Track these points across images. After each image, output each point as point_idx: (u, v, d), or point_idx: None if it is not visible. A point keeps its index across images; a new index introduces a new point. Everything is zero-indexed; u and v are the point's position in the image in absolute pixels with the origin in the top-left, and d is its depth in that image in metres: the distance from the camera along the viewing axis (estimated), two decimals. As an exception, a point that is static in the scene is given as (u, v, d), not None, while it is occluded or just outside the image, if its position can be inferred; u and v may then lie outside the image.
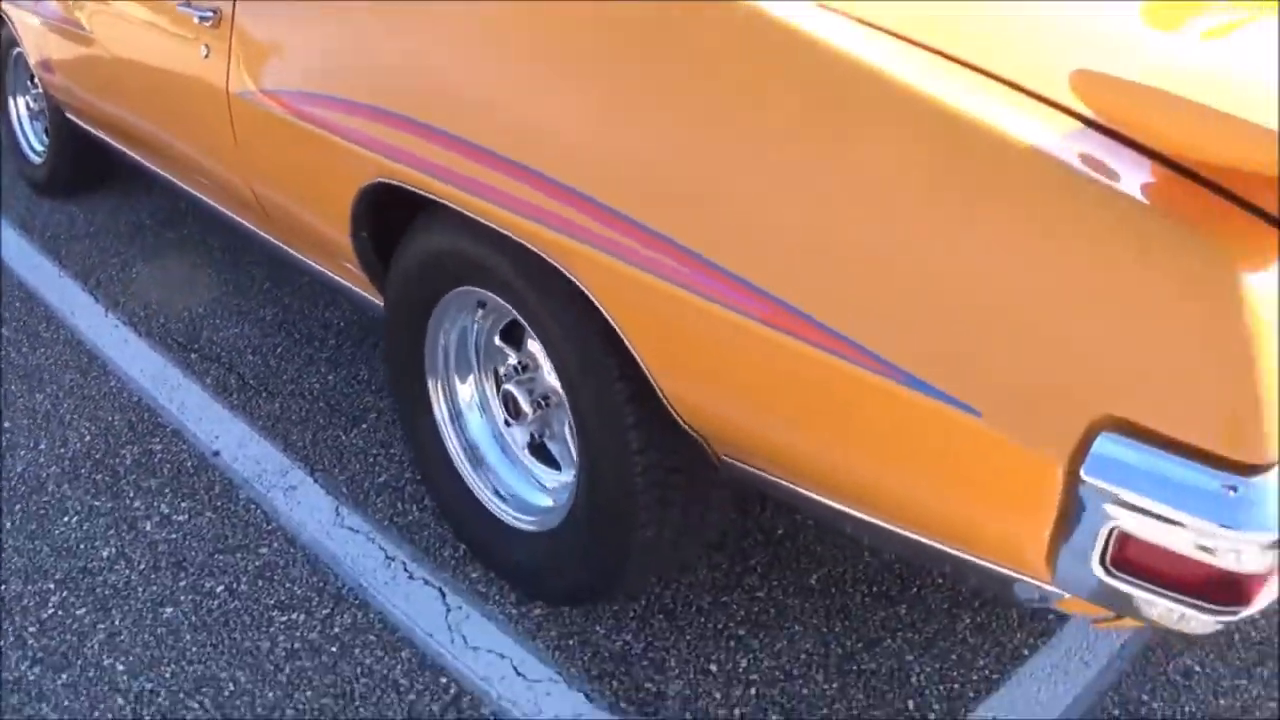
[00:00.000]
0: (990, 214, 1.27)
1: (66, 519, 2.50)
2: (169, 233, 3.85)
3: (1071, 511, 1.24)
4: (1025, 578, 1.38)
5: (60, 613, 2.23)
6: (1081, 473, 1.20)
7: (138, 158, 3.26)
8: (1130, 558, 1.23)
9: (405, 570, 2.29)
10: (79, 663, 2.10)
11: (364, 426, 2.74)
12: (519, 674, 2.04)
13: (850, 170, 1.37)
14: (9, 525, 2.47)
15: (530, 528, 2.11)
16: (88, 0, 3.10)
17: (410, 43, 1.93)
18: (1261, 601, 1.24)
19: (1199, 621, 1.25)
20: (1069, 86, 1.33)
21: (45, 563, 2.35)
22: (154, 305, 3.38)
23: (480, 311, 2.11)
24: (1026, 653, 2.08)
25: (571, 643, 2.10)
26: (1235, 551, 1.16)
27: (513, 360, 2.09)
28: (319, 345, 3.12)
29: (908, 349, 1.31)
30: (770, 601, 2.18)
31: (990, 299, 1.26)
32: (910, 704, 1.97)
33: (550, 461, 2.15)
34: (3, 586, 2.29)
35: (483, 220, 1.78)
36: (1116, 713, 1.94)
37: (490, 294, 1.95)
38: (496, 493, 2.18)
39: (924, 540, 1.47)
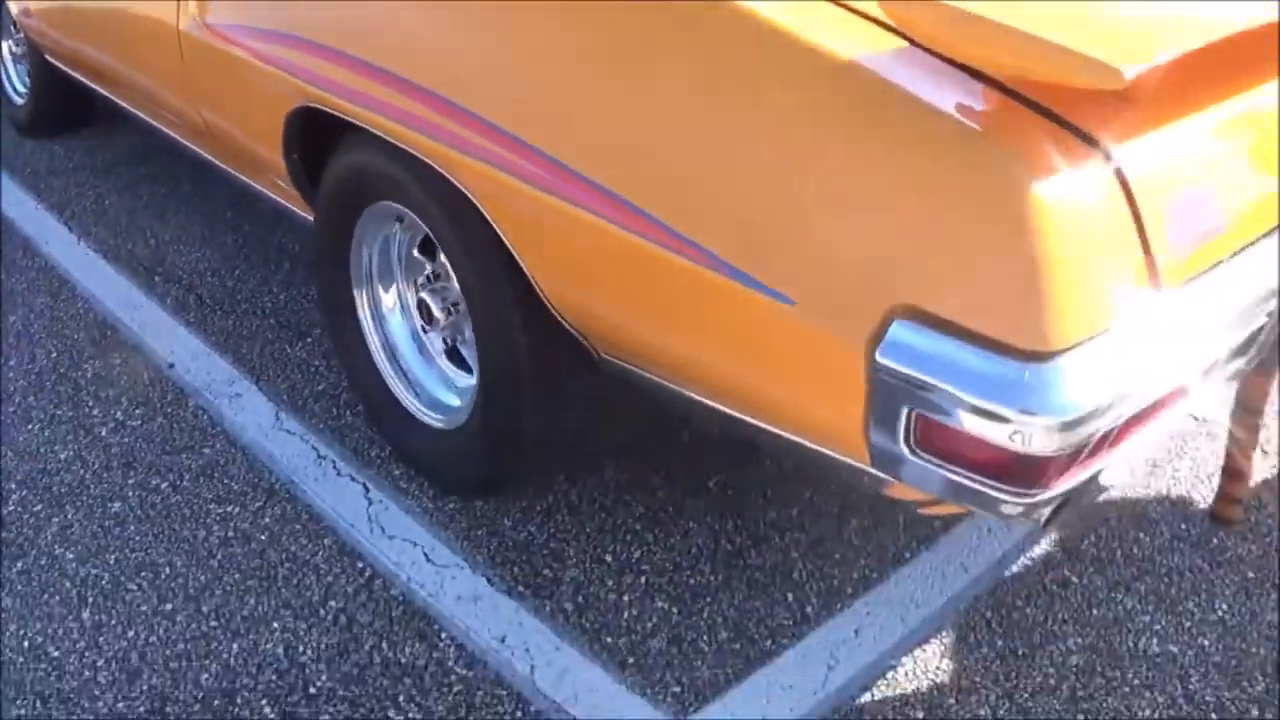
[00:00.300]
0: (804, 118, 1.44)
1: (30, 426, 2.69)
2: (141, 168, 4.03)
3: (874, 395, 1.39)
4: (853, 462, 1.52)
5: (19, 509, 2.42)
6: (876, 355, 1.35)
7: (108, 95, 3.44)
8: (932, 440, 1.37)
9: (334, 468, 2.47)
10: (33, 553, 2.29)
11: (309, 341, 2.92)
12: (429, 560, 2.23)
13: (683, 80, 1.54)
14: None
15: (441, 425, 2.30)
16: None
17: None
18: (1059, 484, 1.37)
19: (1006, 504, 1.39)
20: (900, 12, 1.48)
21: (8, 465, 2.55)
22: (123, 234, 3.56)
23: (399, 225, 2.29)
24: (908, 555, 2.24)
25: (479, 533, 2.29)
26: (1022, 434, 1.28)
27: (428, 270, 2.28)
28: (274, 268, 3.30)
29: (733, 243, 1.48)
30: (669, 500, 2.36)
31: (803, 198, 1.43)
32: (790, 596, 2.15)
33: (464, 365, 2.34)
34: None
35: (390, 139, 1.96)
36: (989, 615, 2.10)
37: (403, 208, 2.13)
38: (415, 393, 2.36)
39: (766, 427, 1.64)
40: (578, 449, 2.41)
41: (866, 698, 1.93)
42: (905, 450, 1.39)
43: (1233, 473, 2.16)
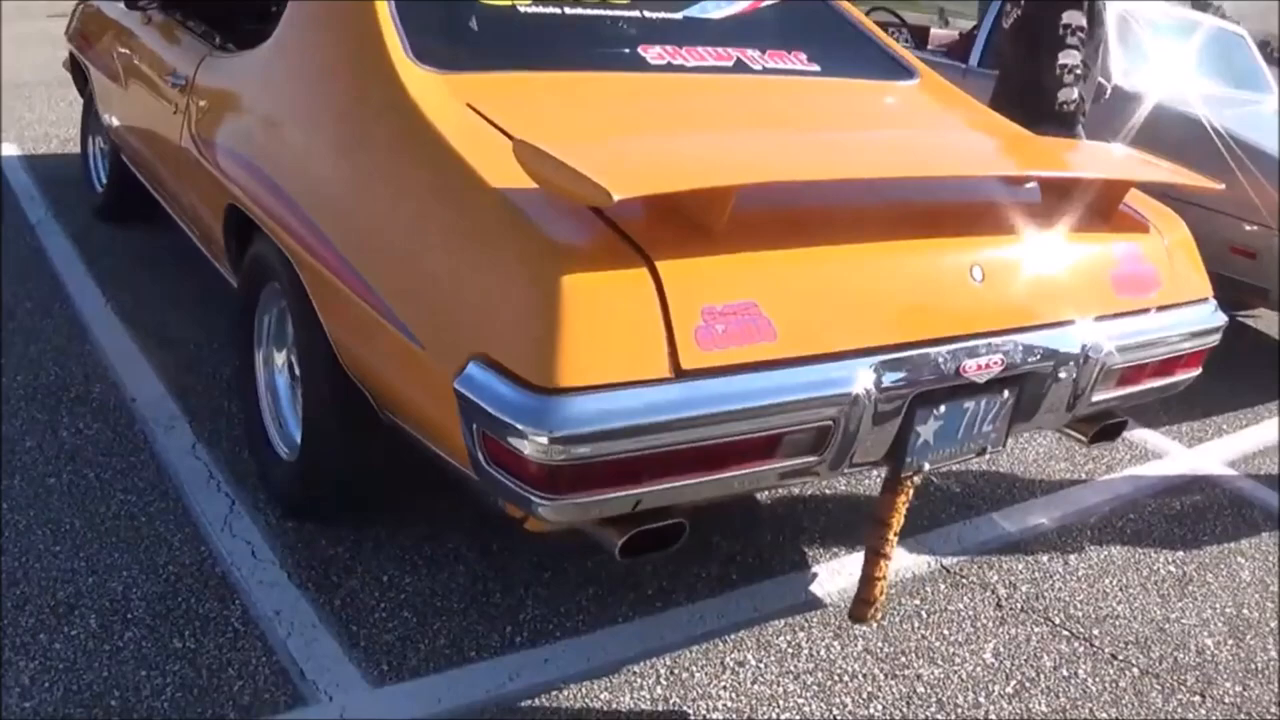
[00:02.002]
0: (437, 217, 2.25)
1: (14, 421, 3.56)
2: (170, 257, 5.00)
3: (460, 417, 2.13)
4: (473, 476, 2.25)
5: None
6: (454, 384, 2.11)
7: (148, 187, 4.44)
8: (492, 451, 2.07)
9: (217, 486, 3.26)
10: None
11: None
12: (253, 555, 2.99)
13: (394, 191, 2.38)
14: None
15: (286, 456, 3.10)
16: (128, 67, 4.34)
17: (251, 119, 3.03)
18: (580, 497, 2.01)
19: (544, 508, 2.06)
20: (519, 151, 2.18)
21: None
22: (140, 302, 4.50)
23: (284, 304, 3.14)
24: (620, 619, 2.92)
25: (299, 545, 3.03)
26: (532, 444, 1.96)
27: (297, 338, 3.11)
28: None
29: (400, 304, 2.29)
30: (449, 541, 3.09)
31: (438, 279, 2.24)
32: (508, 628, 2.82)
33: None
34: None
35: (266, 229, 2.83)
36: (661, 670, 2.76)
37: (280, 286, 2.99)
38: (279, 429, 3.16)
39: (436, 452, 2.39)
40: (381, 492, 3.16)
41: (527, 702, 2.58)
42: (483, 461, 2.11)
43: (866, 579, 2.68)
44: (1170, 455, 4.09)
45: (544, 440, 1.94)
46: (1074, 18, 4.08)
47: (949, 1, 8.75)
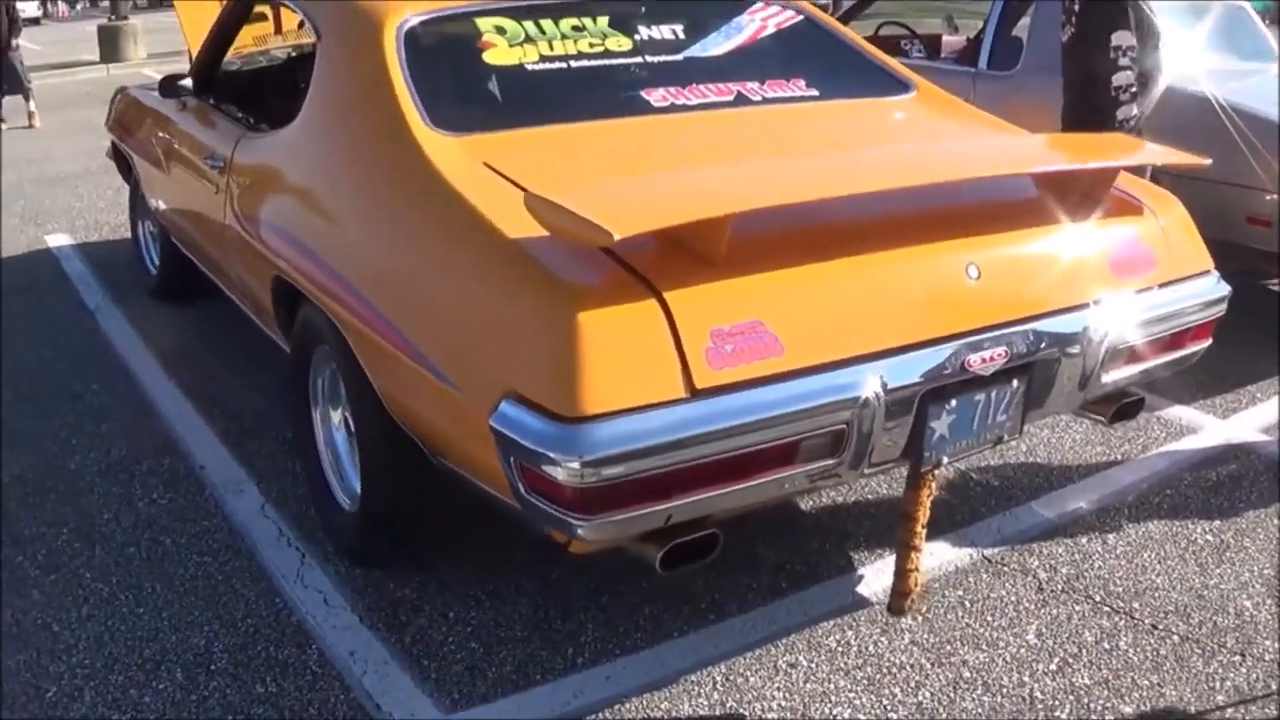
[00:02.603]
0: (462, 270, 2.47)
1: (90, 495, 3.82)
2: (227, 328, 5.26)
3: (498, 451, 2.34)
4: (515, 507, 2.45)
5: (64, 544, 3.52)
6: (490, 422, 2.32)
7: (199, 265, 4.71)
8: (530, 480, 2.28)
9: (287, 541, 3.48)
10: (63, 570, 3.37)
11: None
12: (325, 603, 3.20)
13: (422, 250, 2.60)
14: (54, 498, 3.81)
15: (348, 506, 3.32)
16: (169, 152, 4.62)
17: (286, 195, 3.27)
18: (616, 515, 2.21)
19: (582, 528, 2.27)
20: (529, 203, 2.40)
21: (67, 517, 3.67)
22: (200, 373, 4.77)
23: (335, 365, 3.36)
24: (676, 634, 3.11)
25: (369, 590, 3.24)
26: (564, 469, 2.17)
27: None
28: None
29: (437, 353, 2.50)
30: (513, 579, 3.29)
31: (462, 323, 2.44)
32: (570, 650, 3.01)
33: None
34: (26, 528, 3.61)
35: (311, 296, 3.06)
36: (717, 677, 2.93)
37: (330, 349, 3.21)
38: (340, 481, 3.39)
39: (485, 489, 2.59)
40: (439, 533, 3.36)
41: (591, 717, 2.75)
42: (523, 491, 2.32)
43: (900, 572, 2.85)
44: (1205, 429, 4.20)
45: (575, 465, 2.15)
46: (1123, 39, 4.14)
47: (962, 2, 8.89)
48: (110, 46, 19.40)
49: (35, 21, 34.65)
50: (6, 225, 7.64)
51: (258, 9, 4.78)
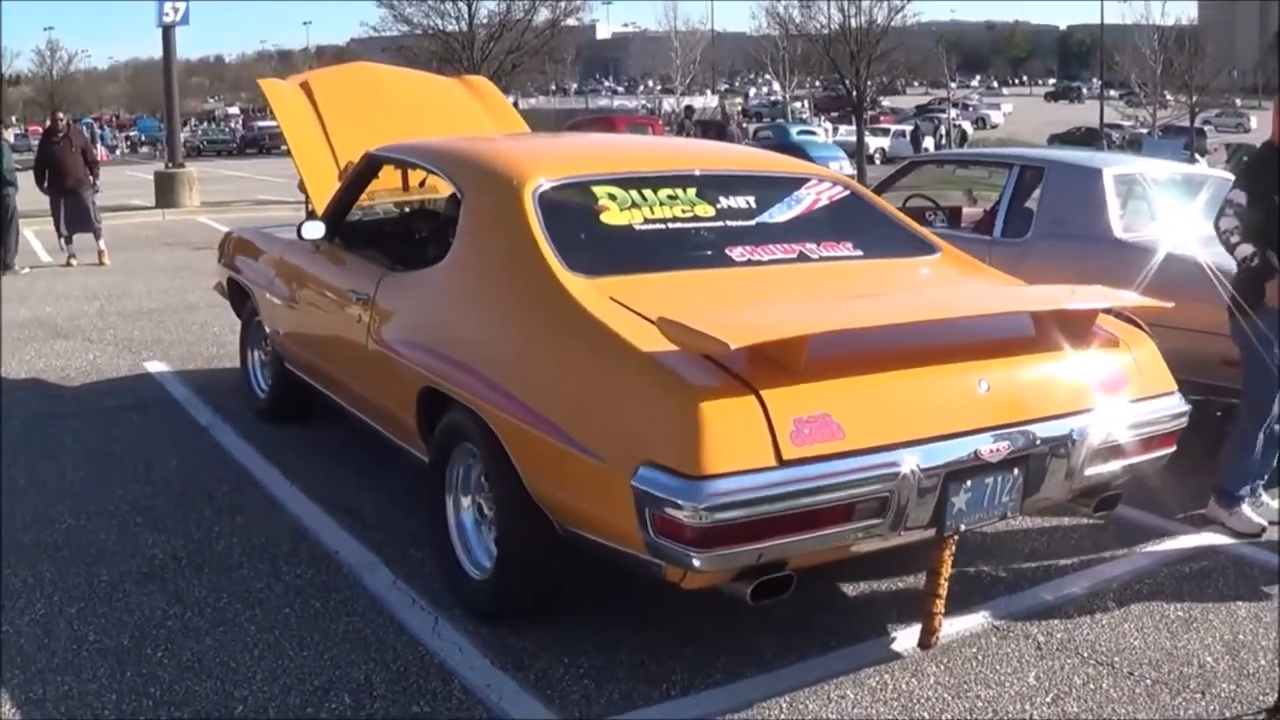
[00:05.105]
0: (607, 376, 3.46)
1: (243, 570, 4.75)
2: (336, 444, 6.25)
3: (635, 505, 3.31)
4: (640, 555, 3.41)
5: (223, 615, 4.45)
6: (632, 483, 3.29)
7: (323, 389, 5.72)
8: (660, 525, 3.22)
9: (420, 607, 4.38)
10: (216, 632, 4.29)
11: (424, 547, 4.93)
12: (460, 651, 4.08)
13: (571, 360, 3.60)
14: (208, 571, 4.74)
15: (477, 576, 4.25)
16: (300, 287, 5.68)
17: (439, 320, 4.30)
18: (726, 550, 3.17)
19: (699, 561, 3.25)
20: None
21: (220, 582, 4.60)
22: (318, 478, 5.72)
23: (472, 459, 4.33)
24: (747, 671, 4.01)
25: (494, 641, 4.12)
26: (687, 511, 3.12)
27: (486, 489, 4.28)
28: (412, 502, 5.37)
29: (581, 431, 3.48)
30: (614, 632, 4.20)
31: (608, 411, 3.43)
32: (664, 686, 3.92)
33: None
34: (190, 592, 4.54)
35: (464, 401, 4.05)
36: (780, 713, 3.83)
37: (471, 445, 4.18)
38: (469, 556, 4.32)
39: (610, 544, 3.55)
40: (561, 596, 4.28)
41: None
42: (652, 534, 3.27)
43: (926, 614, 3.78)
44: (1182, 535, 5.15)
45: (698, 509, 3.10)
46: (1236, 195, 5.09)
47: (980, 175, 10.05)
48: (166, 192, 20.74)
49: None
50: (102, 352, 8.70)
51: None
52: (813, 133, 45.30)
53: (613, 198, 4.26)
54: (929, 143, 49.15)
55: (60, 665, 3.93)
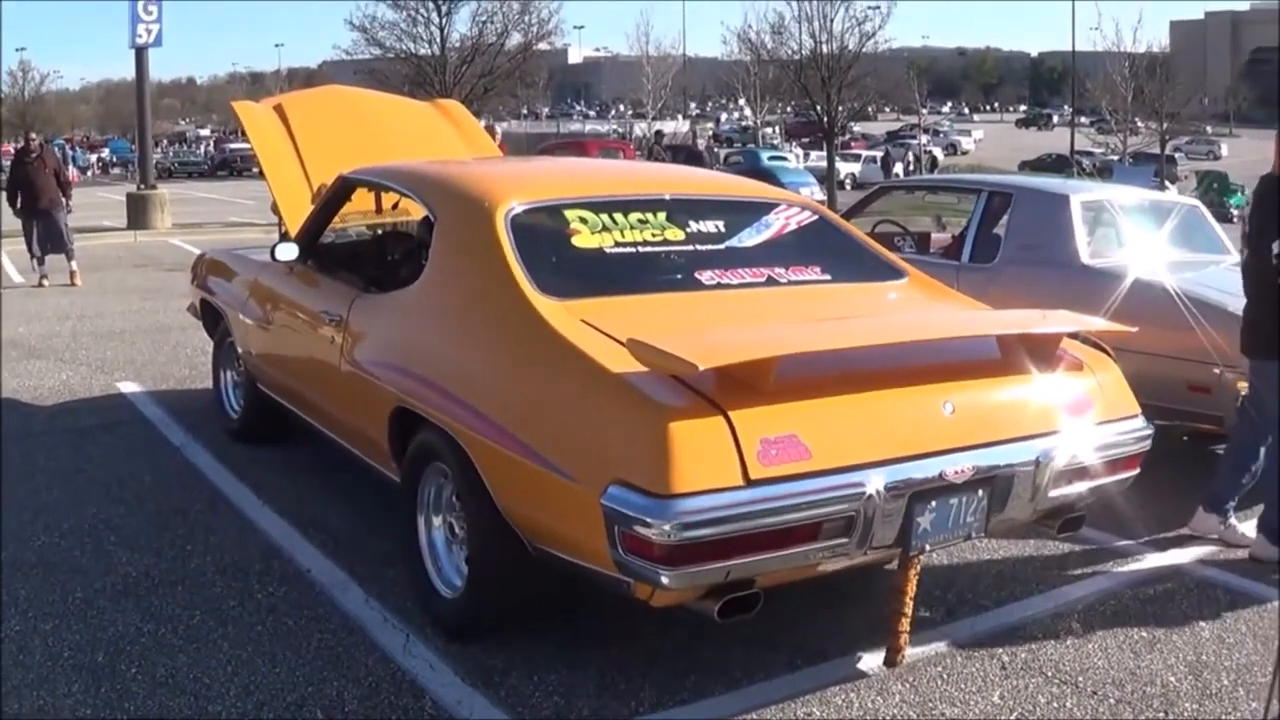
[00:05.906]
0: (578, 396, 3.51)
1: (215, 588, 4.78)
2: (305, 464, 6.28)
3: (605, 524, 3.36)
4: (612, 574, 3.46)
5: (198, 623, 4.47)
6: (601, 500, 3.34)
7: (294, 409, 5.75)
8: (629, 543, 3.29)
9: (391, 624, 4.42)
10: (191, 648, 4.31)
11: (397, 565, 4.97)
12: (431, 668, 4.11)
13: (543, 381, 3.66)
14: (180, 589, 4.76)
15: (448, 594, 4.29)
16: (273, 308, 5.72)
17: (412, 342, 4.35)
18: (694, 568, 3.21)
19: (667, 579, 3.30)
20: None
21: (194, 599, 4.62)
22: (289, 497, 5.76)
23: (444, 479, 4.37)
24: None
25: (465, 659, 4.18)
26: (655, 529, 3.16)
27: (457, 508, 4.32)
28: (385, 519, 5.41)
29: (554, 451, 3.53)
30: (585, 649, 4.24)
31: (579, 431, 3.48)
32: (633, 702, 3.96)
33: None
34: (163, 609, 4.56)
35: (436, 421, 4.10)
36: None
37: (443, 464, 4.23)
38: (439, 575, 4.36)
39: (580, 563, 3.60)
40: (531, 614, 4.32)
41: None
42: (622, 552, 3.32)
43: (892, 631, 3.83)
44: (1146, 557, 5.23)
45: (666, 527, 3.15)
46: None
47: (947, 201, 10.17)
48: (138, 213, 20.77)
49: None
50: (76, 373, 8.69)
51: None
52: (784, 158, 45.57)
53: (584, 221, 4.33)
54: (899, 169, 49.61)
55: (35, 681, 3.96)
